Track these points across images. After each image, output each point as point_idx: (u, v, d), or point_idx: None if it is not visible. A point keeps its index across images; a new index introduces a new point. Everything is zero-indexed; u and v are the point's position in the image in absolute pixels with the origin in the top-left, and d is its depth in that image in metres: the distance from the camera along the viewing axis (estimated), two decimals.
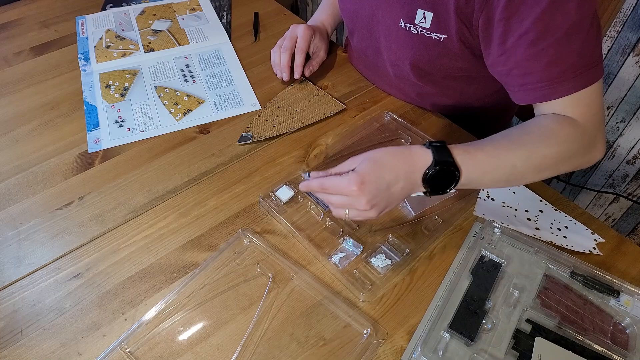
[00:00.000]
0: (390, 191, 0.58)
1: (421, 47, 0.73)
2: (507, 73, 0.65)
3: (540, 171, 0.63)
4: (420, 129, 0.81)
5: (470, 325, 0.56)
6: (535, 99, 0.64)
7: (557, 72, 0.61)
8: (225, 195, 0.73)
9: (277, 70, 0.92)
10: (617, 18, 1.14)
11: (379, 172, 0.57)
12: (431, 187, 0.60)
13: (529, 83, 0.63)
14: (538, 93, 0.63)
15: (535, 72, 0.62)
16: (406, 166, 0.59)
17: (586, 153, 0.65)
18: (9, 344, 0.58)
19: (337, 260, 0.64)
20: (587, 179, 1.43)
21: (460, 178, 0.59)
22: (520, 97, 0.66)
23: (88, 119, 0.86)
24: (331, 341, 0.57)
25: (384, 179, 0.57)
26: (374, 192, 0.57)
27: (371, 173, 0.57)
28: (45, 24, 1.09)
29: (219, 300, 0.61)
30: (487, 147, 0.61)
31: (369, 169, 0.57)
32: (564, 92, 0.62)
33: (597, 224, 0.68)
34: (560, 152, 0.62)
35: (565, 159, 0.63)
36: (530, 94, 0.64)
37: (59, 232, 0.69)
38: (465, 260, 0.63)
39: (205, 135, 0.83)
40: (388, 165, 0.58)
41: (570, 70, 0.60)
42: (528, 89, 0.64)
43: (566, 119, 0.63)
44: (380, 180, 0.57)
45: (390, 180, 0.58)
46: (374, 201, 0.57)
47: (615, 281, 0.60)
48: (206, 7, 1.14)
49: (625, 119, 1.25)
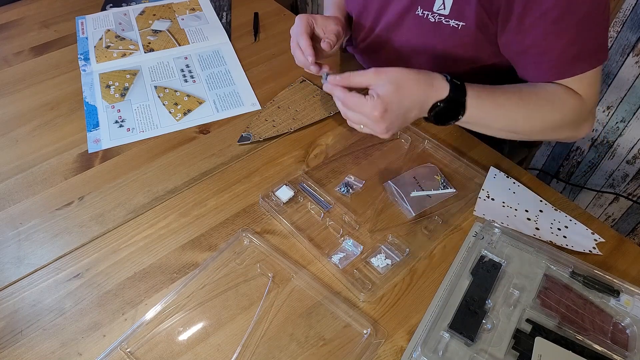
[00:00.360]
0: (405, 117, 0.63)
1: (437, 35, 0.73)
2: (523, 51, 0.67)
3: (534, 131, 0.68)
4: (420, 129, 0.81)
5: (470, 325, 0.56)
6: (550, 76, 0.67)
7: (575, 51, 0.64)
8: (225, 195, 0.73)
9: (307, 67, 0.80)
10: (616, 18, 1.14)
11: (400, 101, 0.61)
12: (434, 117, 0.64)
13: (545, 61, 0.65)
14: (553, 71, 0.66)
15: (554, 50, 0.64)
16: (424, 96, 0.62)
17: (578, 126, 0.70)
18: (9, 344, 0.58)
19: (337, 260, 0.64)
20: (587, 179, 1.43)
21: (461, 118, 0.64)
22: (533, 75, 0.68)
23: (88, 119, 0.86)
24: (331, 341, 0.57)
25: (404, 106, 0.62)
26: (393, 119, 0.61)
27: (394, 102, 0.60)
28: (45, 24, 1.09)
29: (219, 300, 0.61)
30: (500, 98, 0.65)
31: (392, 96, 0.60)
32: (578, 70, 0.65)
33: (597, 224, 0.68)
34: (558, 119, 0.67)
35: (558, 127, 0.68)
36: (545, 72, 0.67)
37: (59, 232, 0.69)
38: (465, 260, 0.63)
39: (205, 135, 0.83)
40: (409, 93, 0.61)
41: (586, 50, 0.64)
42: (544, 67, 0.66)
43: (572, 92, 0.67)
44: (400, 109, 0.61)
45: (408, 107, 0.62)
46: (391, 126, 0.62)
47: (615, 281, 0.60)
48: (206, 7, 1.14)
49: (625, 119, 1.25)
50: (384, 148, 0.80)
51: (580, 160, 1.42)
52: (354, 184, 0.74)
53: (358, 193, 0.73)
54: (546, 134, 0.70)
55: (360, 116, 0.63)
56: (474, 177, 0.75)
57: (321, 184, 0.74)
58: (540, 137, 0.72)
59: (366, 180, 0.74)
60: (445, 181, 0.74)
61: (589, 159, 1.39)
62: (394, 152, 0.79)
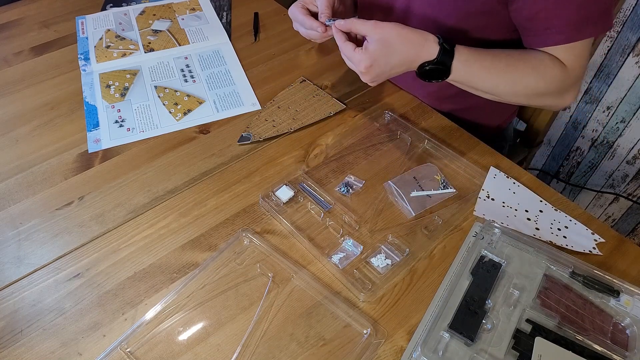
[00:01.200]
0: (391, 72, 0.69)
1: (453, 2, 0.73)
2: (533, 17, 0.68)
3: (517, 96, 0.73)
4: (420, 128, 0.81)
5: (470, 325, 0.56)
6: (559, 41, 0.68)
7: (583, 15, 0.65)
8: (225, 195, 0.73)
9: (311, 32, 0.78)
10: (617, 18, 1.14)
11: (387, 57, 0.67)
12: (421, 75, 0.70)
13: (555, 26, 0.67)
14: (562, 36, 0.67)
15: (564, 15, 0.65)
16: (413, 56, 0.67)
17: (559, 96, 0.73)
18: (9, 344, 0.58)
19: (337, 260, 0.64)
20: (587, 179, 1.43)
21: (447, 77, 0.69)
22: (541, 41, 0.70)
23: (88, 119, 0.86)
24: (331, 341, 0.58)
25: (390, 63, 0.67)
26: (378, 73, 0.68)
27: (381, 59, 0.67)
28: (45, 24, 1.09)
29: (219, 300, 0.61)
30: (487, 62, 0.69)
31: (380, 53, 0.66)
32: (585, 35, 0.67)
33: (597, 224, 0.68)
34: (541, 87, 0.70)
35: (542, 94, 0.72)
36: (554, 37, 0.68)
37: (59, 232, 0.69)
38: (465, 260, 0.63)
39: (205, 135, 0.83)
40: (397, 51, 0.67)
41: (594, 15, 0.65)
42: (553, 32, 0.67)
43: (558, 61, 0.70)
44: (386, 65, 0.67)
45: (395, 64, 0.68)
46: (376, 78, 0.70)
47: (615, 281, 0.60)
48: (206, 7, 1.14)
49: (625, 119, 1.25)
50: (384, 148, 0.80)
51: (580, 160, 1.42)
52: (354, 184, 0.74)
53: (358, 193, 0.73)
54: (530, 99, 0.74)
55: (351, 63, 0.70)
56: (474, 177, 0.75)
57: (321, 184, 0.74)
58: (524, 101, 0.75)
59: (366, 180, 0.74)
60: (445, 181, 0.74)
61: (589, 159, 1.40)
62: (394, 152, 0.79)
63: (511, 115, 1.00)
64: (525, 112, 1.09)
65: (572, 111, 1.37)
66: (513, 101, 0.75)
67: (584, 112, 1.34)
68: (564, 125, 1.41)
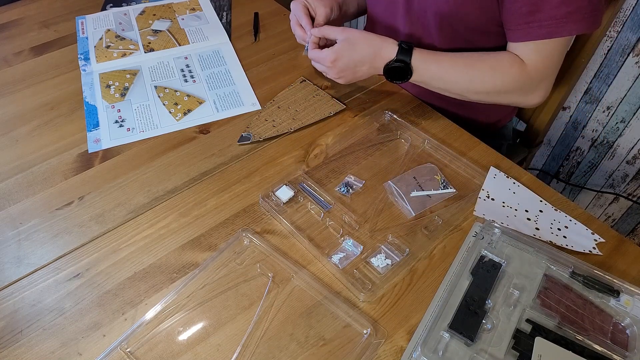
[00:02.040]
0: (356, 69, 0.78)
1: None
2: (517, 10, 0.69)
3: (477, 93, 0.77)
4: (420, 128, 0.81)
5: (470, 325, 0.56)
6: (539, 36, 0.69)
7: (565, 11, 0.66)
8: (225, 195, 0.73)
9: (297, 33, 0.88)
10: (616, 18, 1.14)
11: (350, 54, 0.76)
12: (389, 76, 0.77)
13: (536, 20, 0.68)
14: (543, 30, 0.68)
15: (547, 9, 0.66)
16: (373, 55, 0.76)
17: (523, 95, 0.76)
18: (9, 344, 0.58)
19: (337, 260, 0.64)
20: (587, 179, 1.43)
21: (410, 77, 0.77)
22: (521, 35, 0.71)
23: (88, 119, 0.86)
24: (331, 341, 0.58)
25: (353, 60, 0.77)
26: (342, 67, 0.77)
27: (344, 54, 0.76)
28: (45, 24, 1.09)
29: (219, 300, 0.61)
30: (444, 62, 0.76)
31: (344, 50, 0.76)
32: (565, 32, 0.68)
33: (597, 224, 0.68)
34: (498, 85, 0.75)
35: (500, 92, 0.76)
36: (534, 31, 0.69)
37: (59, 232, 0.69)
38: (465, 260, 0.63)
39: (205, 135, 0.83)
40: (359, 49, 0.76)
41: (579, 12, 0.66)
42: (534, 26, 0.69)
43: (519, 62, 0.73)
44: (349, 61, 0.77)
45: (358, 61, 0.77)
46: (341, 74, 0.78)
47: (615, 281, 0.60)
48: (206, 7, 1.14)
49: (625, 119, 1.25)
50: (384, 148, 0.80)
51: (580, 160, 1.42)
52: (354, 184, 0.74)
53: (358, 193, 0.73)
54: (491, 96, 0.77)
55: (320, 65, 0.80)
56: (474, 177, 0.75)
57: (321, 184, 0.74)
58: (486, 99, 0.78)
59: (366, 180, 0.74)
60: (445, 181, 0.74)
61: (589, 159, 1.40)
62: (394, 152, 0.79)
63: (509, 113, 1.00)
64: (525, 112, 1.09)
65: (572, 111, 1.37)
66: (476, 99, 0.79)
67: (584, 112, 1.34)
68: (564, 125, 1.41)
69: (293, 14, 0.88)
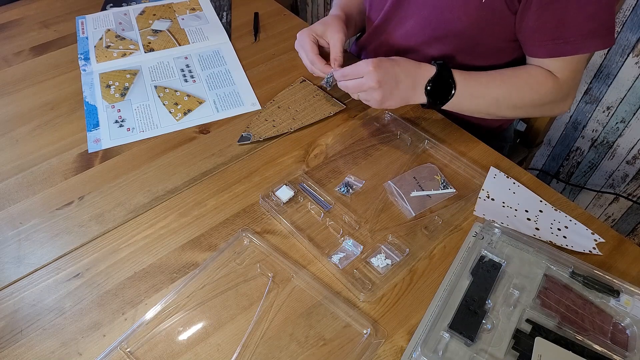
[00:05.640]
0: (397, 82, 0.71)
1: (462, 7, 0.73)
2: (539, 28, 0.69)
3: (515, 109, 0.77)
4: (420, 129, 0.81)
5: (470, 325, 0.56)
6: (566, 52, 0.70)
7: (591, 27, 0.66)
8: (225, 195, 0.73)
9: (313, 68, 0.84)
10: (617, 18, 1.14)
11: (392, 65, 0.71)
12: (430, 94, 0.73)
13: (562, 37, 0.68)
14: (569, 47, 0.69)
15: (573, 25, 0.67)
16: (414, 70, 0.72)
17: (555, 106, 0.77)
18: (9, 344, 0.58)
19: (337, 260, 0.64)
20: (587, 179, 1.43)
21: (454, 93, 0.73)
22: (547, 52, 0.71)
23: (88, 119, 0.86)
24: (331, 341, 0.58)
25: (395, 71, 0.70)
26: (385, 73, 0.69)
27: (386, 61, 0.70)
28: (45, 24, 1.09)
29: (219, 300, 0.61)
30: (483, 78, 0.74)
31: (385, 59, 0.71)
32: (590, 48, 0.69)
33: (597, 224, 0.68)
34: (536, 99, 0.75)
35: (537, 106, 0.76)
36: (560, 48, 0.69)
37: (59, 232, 0.69)
38: (465, 260, 0.63)
39: (205, 135, 0.83)
40: (400, 64, 0.71)
41: (602, 27, 0.67)
42: (560, 42, 0.69)
43: (552, 76, 0.73)
44: (392, 70, 0.70)
45: (400, 73, 0.71)
46: (383, 81, 0.69)
47: (615, 281, 0.60)
48: (206, 7, 1.14)
49: (625, 119, 1.25)
50: (384, 148, 0.80)
51: (580, 160, 1.42)
52: (354, 184, 0.74)
53: (358, 193, 0.73)
54: (528, 111, 0.79)
55: (356, 80, 0.71)
56: (474, 177, 0.75)
57: (321, 184, 0.74)
58: (522, 114, 0.80)
59: (366, 180, 0.74)
60: (445, 181, 0.74)
61: (589, 159, 1.40)
62: (394, 152, 0.79)
63: None
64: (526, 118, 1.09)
65: (572, 111, 1.37)
66: (512, 115, 0.78)
67: (584, 112, 1.34)
68: (564, 125, 1.41)
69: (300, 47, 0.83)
